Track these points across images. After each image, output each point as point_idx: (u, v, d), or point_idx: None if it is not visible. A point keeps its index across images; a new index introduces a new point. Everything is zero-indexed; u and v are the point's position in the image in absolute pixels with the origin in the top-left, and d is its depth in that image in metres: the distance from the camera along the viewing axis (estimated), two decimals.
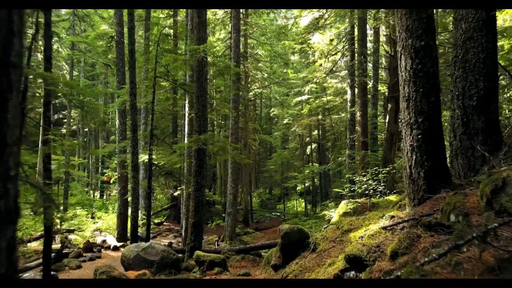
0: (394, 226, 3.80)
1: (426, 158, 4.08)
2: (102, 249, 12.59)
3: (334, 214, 11.46)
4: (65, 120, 36.13)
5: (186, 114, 9.30)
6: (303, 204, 26.60)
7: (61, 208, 20.61)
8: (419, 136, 4.12)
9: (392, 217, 4.08)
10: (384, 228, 3.87)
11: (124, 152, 13.86)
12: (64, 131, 35.39)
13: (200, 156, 8.42)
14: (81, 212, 20.41)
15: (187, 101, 11.85)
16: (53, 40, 33.44)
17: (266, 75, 24.29)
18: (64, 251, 11.10)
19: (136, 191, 9.64)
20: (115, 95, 18.65)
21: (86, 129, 37.21)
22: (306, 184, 26.89)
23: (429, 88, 4.17)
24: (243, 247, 9.89)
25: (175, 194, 14.29)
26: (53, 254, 10.60)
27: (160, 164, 11.55)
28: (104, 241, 13.16)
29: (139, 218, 17.43)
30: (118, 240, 13.34)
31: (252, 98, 29.24)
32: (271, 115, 35.19)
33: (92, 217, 19.49)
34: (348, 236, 4.88)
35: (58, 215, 19.01)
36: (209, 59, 14.39)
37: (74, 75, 37.30)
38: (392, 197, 10.44)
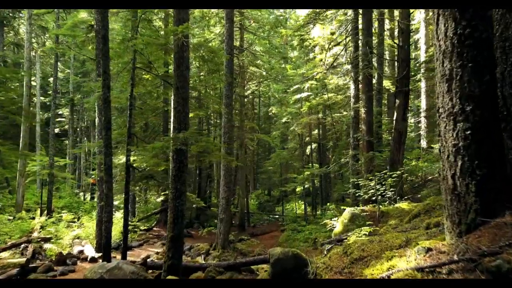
0: (436, 268, 2.51)
1: (479, 163, 2.78)
2: (78, 260, 11.29)
3: (337, 223, 10.17)
4: (59, 119, 34.96)
5: (172, 111, 8.01)
6: (303, 207, 25.25)
7: (45, 212, 19.38)
8: (468, 132, 2.83)
9: (429, 250, 2.79)
10: (420, 269, 2.58)
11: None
12: (56, 130, 34.21)
13: (180, 158, 7.14)
14: (66, 217, 19.13)
15: (173, 96, 10.54)
16: (46, 36, 32.06)
17: (264, 72, 22.97)
18: (31, 265, 9.79)
19: (109, 197, 8.35)
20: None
21: (78, 128, 35.96)
22: (306, 186, 25.56)
23: (481, 62, 2.88)
24: (232, 262, 8.61)
25: (158, 200, 13.00)
26: (16, 270, 9.37)
27: (142, 167, 10.27)
28: (81, 251, 11.84)
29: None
30: (97, 250, 12.04)
31: (250, 97, 27.99)
32: (270, 114, 33.91)
33: (76, 221, 18.23)
34: (360, 269, 3.58)
35: (40, 220, 17.73)
36: (202, 53, 13.10)
37: (66, 72, 36.10)
38: (404, 205, 9.13)
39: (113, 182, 8.65)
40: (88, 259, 11.29)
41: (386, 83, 18.94)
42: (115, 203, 20.49)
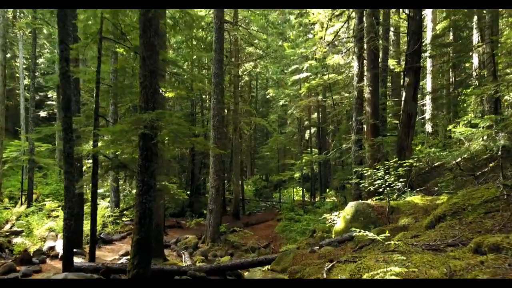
0: None
1: None
2: (48, 258, 10.06)
3: (338, 219, 8.92)
4: (49, 103, 33.45)
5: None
6: (301, 193, 24.06)
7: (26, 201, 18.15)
8: None
9: None
10: None
11: (78, 137, 11.22)
12: (44, 113, 32.84)
13: (147, 145, 5.82)
14: (49, 205, 17.96)
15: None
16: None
17: (261, 51, 21.36)
18: None
19: (70, 190, 7.06)
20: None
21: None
22: (305, 171, 24.33)
23: None
24: (215, 266, 7.40)
25: (134, 191, 11.72)
26: None
27: (117, 154, 8.97)
28: (51, 247, 10.61)
29: (108, 215, 14.99)
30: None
31: (247, 79, 26.51)
32: (268, 97, 32.44)
33: (60, 210, 17.04)
34: None
35: (19, 210, 16.50)
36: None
37: (53, 52, 34.33)
38: (416, 199, 7.82)
39: (74, 171, 7.34)
40: (59, 257, 10.02)
41: (391, 62, 17.51)
42: (100, 191, 19.30)
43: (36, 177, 23.93)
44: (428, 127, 18.62)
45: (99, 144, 7.28)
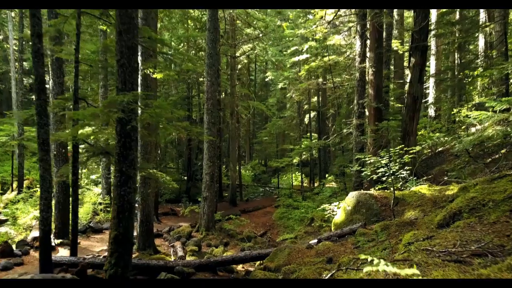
0: None
1: None
2: (31, 249, 9.59)
3: (338, 210, 8.35)
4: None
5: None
6: (300, 178, 23.52)
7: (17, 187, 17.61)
8: None
9: None
10: None
11: (59, 122, 10.56)
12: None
13: (125, 131, 5.19)
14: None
15: (140, 53, 8.40)
16: None
17: (258, 32, 20.43)
18: None
19: (46, 180, 6.47)
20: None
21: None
22: (304, 157, 23.72)
23: None
24: (205, 261, 6.86)
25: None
26: None
27: (101, 140, 8.33)
28: (36, 238, 10.09)
29: (99, 203, 14.45)
30: (57, 235, 10.34)
31: (245, 61, 25.65)
32: (267, 80, 31.60)
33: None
34: None
35: (9, 197, 15.95)
36: None
37: None
38: (423, 189, 7.21)
39: (50, 159, 6.73)
40: None
41: (395, 43, 16.70)
42: (92, 177, 18.75)
43: (30, 162, 23.35)
44: (431, 111, 17.91)
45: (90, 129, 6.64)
